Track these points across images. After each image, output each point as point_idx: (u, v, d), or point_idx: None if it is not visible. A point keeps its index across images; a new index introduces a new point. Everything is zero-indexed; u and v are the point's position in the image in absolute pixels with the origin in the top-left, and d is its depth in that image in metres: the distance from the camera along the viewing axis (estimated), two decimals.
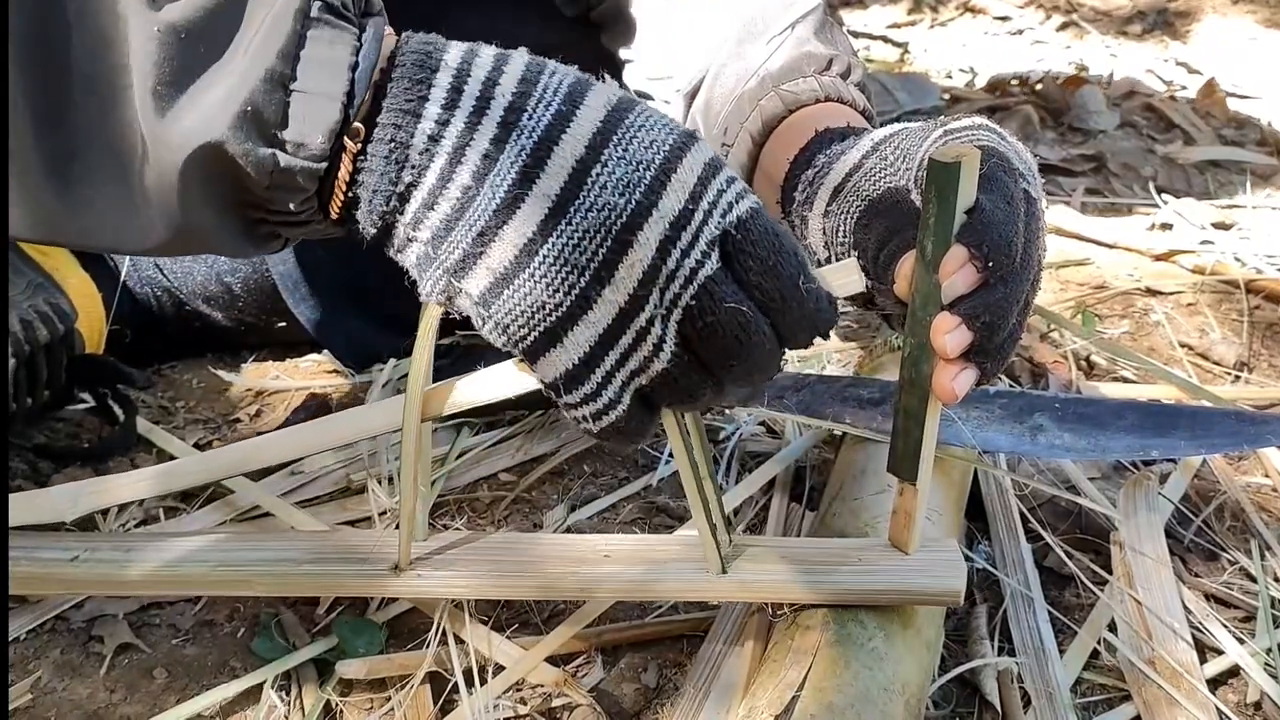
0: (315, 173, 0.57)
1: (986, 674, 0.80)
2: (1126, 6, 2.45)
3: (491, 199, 0.56)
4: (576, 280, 0.56)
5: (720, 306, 0.56)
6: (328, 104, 0.55)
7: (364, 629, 0.83)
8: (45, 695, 0.81)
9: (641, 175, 0.56)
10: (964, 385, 0.64)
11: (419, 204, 0.57)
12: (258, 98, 0.55)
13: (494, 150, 0.56)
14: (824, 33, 0.96)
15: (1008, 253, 0.62)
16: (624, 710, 0.78)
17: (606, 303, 0.56)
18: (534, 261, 0.56)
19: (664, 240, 0.56)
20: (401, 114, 0.56)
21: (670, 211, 0.56)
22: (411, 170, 0.57)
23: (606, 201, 0.55)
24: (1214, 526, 0.95)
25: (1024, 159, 0.71)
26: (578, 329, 0.57)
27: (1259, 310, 1.31)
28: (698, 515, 0.71)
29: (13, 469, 1.00)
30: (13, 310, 0.97)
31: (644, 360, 0.58)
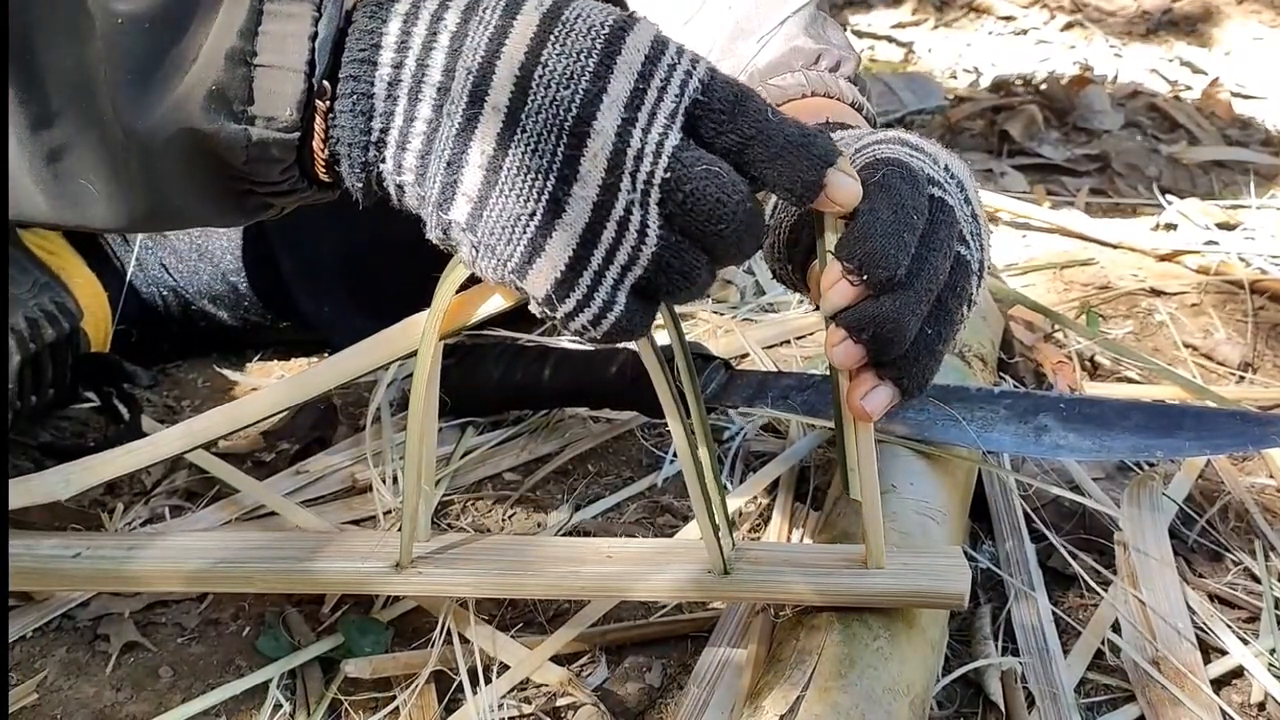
0: (289, 143, 0.58)
1: (991, 674, 0.80)
2: (1131, 7, 2.45)
3: (451, 126, 0.56)
4: (544, 184, 0.55)
5: (694, 170, 0.55)
6: (292, 76, 0.56)
7: (370, 628, 0.83)
8: (51, 694, 0.81)
9: (584, 64, 0.55)
10: (876, 403, 0.63)
11: (394, 147, 0.58)
12: (222, 77, 0.56)
13: (445, 80, 0.56)
14: (814, 27, 0.96)
15: (883, 263, 0.60)
16: (628, 710, 0.78)
17: (578, 200, 0.55)
18: (500, 176, 0.56)
19: (622, 123, 0.55)
20: (359, 64, 0.57)
21: (621, 93, 0.55)
22: (380, 117, 0.57)
23: (554, 98, 0.55)
24: (1218, 527, 0.95)
25: (940, 166, 0.69)
26: (556, 234, 0.56)
27: (1263, 310, 1.30)
28: (701, 517, 0.71)
29: (19, 467, 1.00)
30: (18, 309, 0.97)
31: (632, 251, 0.56)
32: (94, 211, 0.61)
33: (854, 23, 2.43)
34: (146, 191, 0.60)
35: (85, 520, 0.95)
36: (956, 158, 0.73)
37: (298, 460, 1.03)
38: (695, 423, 0.70)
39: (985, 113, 1.91)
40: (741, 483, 0.98)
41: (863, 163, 0.66)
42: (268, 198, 0.61)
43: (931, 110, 1.94)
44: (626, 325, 0.58)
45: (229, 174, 0.59)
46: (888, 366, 0.63)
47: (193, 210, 0.62)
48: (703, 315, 1.30)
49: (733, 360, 0.98)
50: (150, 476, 1.01)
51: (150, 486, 1.01)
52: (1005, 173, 1.72)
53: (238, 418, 0.80)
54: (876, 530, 0.70)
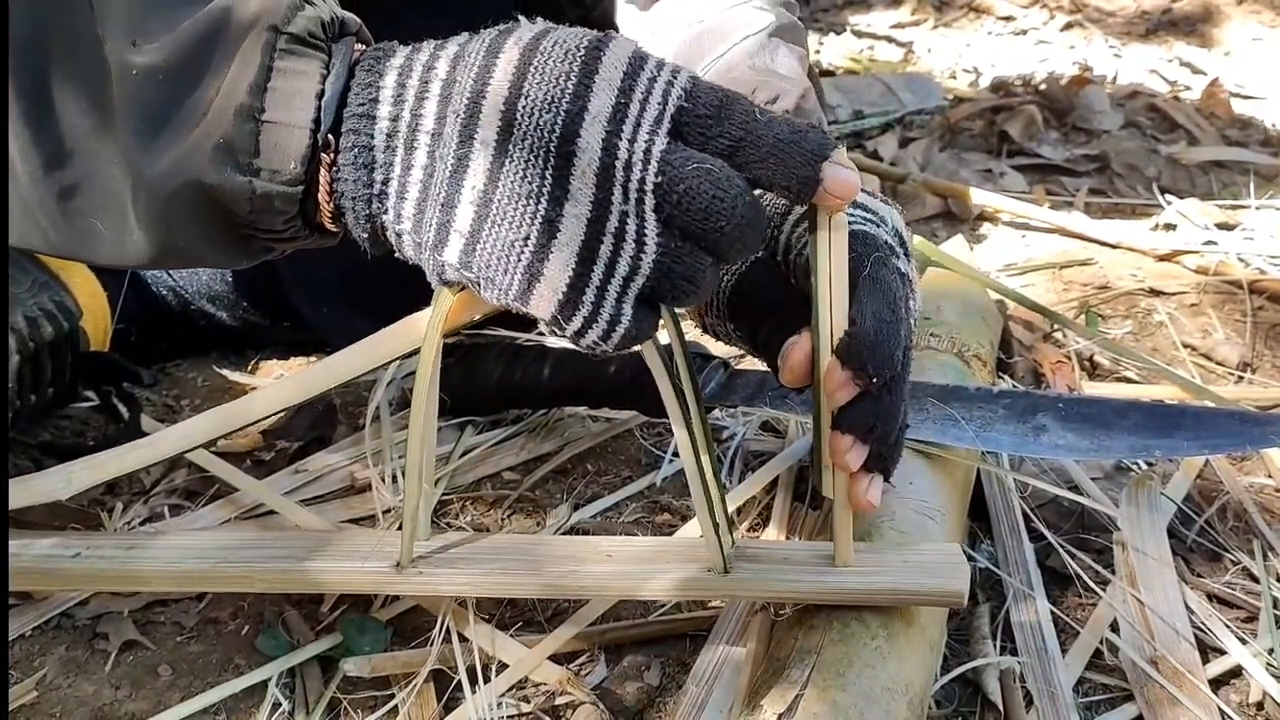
0: (293, 195, 0.59)
1: (989, 673, 0.80)
2: (1131, 7, 2.45)
3: (445, 168, 0.57)
4: (535, 208, 0.56)
5: (685, 170, 0.55)
6: (297, 132, 0.58)
7: (370, 627, 0.83)
8: (50, 692, 0.81)
9: (564, 87, 0.56)
10: (878, 494, 0.67)
11: (394, 198, 0.59)
12: (230, 132, 0.58)
13: (438, 126, 0.58)
14: (760, 56, 0.93)
15: (890, 364, 0.63)
16: (627, 709, 0.78)
17: (571, 218, 0.56)
18: (491, 209, 0.57)
19: (607, 136, 0.55)
20: (359, 119, 0.58)
21: (603, 108, 0.55)
22: (381, 169, 0.59)
23: (537, 123, 0.56)
24: (1216, 527, 0.96)
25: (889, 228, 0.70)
26: (553, 255, 0.57)
27: (1262, 311, 1.31)
28: (702, 515, 0.71)
29: (19, 466, 1.00)
30: (18, 307, 0.97)
31: (632, 260, 0.57)
32: (101, 249, 0.63)
33: (853, 23, 2.43)
34: (153, 234, 0.61)
35: (85, 519, 0.95)
36: (892, 209, 0.73)
37: (297, 459, 1.03)
38: (695, 422, 0.70)
39: (985, 113, 1.91)
40: (741, 482, 0.98)
41: None
42: (270, 243, 0.63)
43: (931, 110, 1.94)
44: (635, 334, 0.59)
45: (233, 221, 0.61)
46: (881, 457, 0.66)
47: (197, 253, 0.63)
48: None
49: (732, 360, 0.98)
50: (149, 475, 1.01)
51: (150, 485, 1.01)
52: (1005, 173, 1.72)
53: (237, 418, 0.80)
54: (845, 528, 0.71)
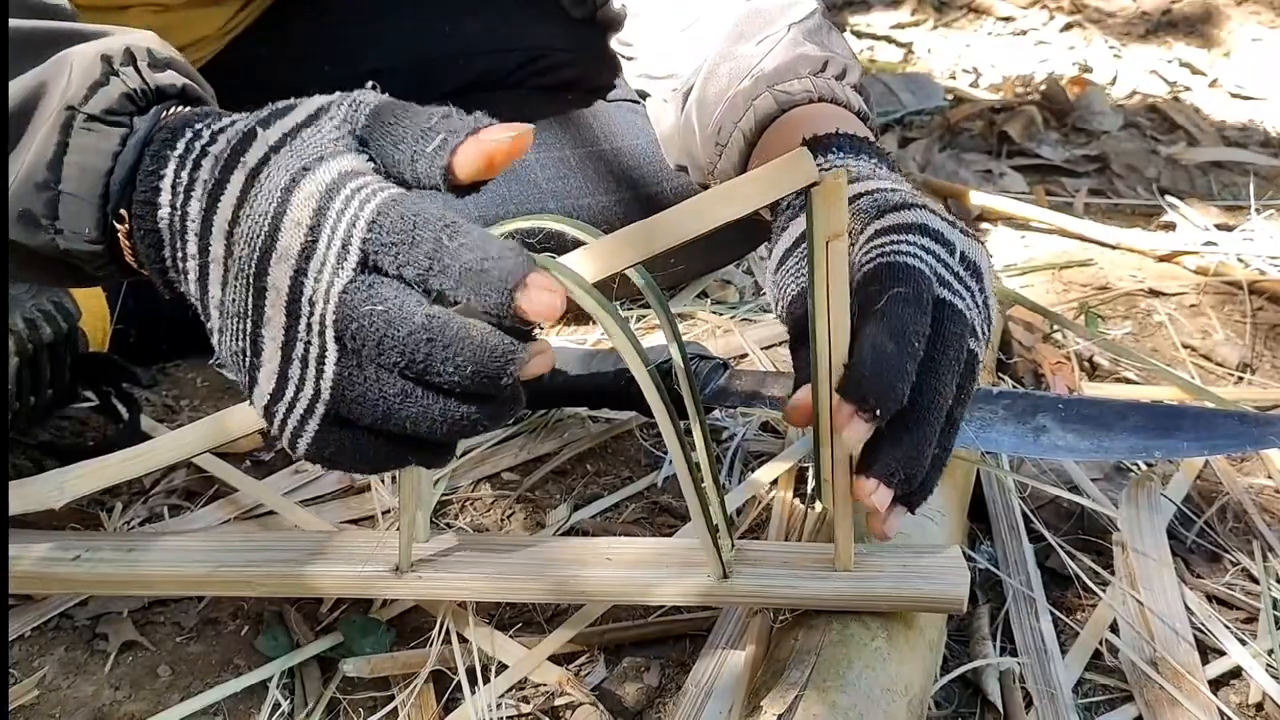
0: (96, 252, 0.65)
1: (989, 674, 0.80)
2: (1131, 7, 2.45)
3: (196, 268, 0.62)
4: (245, 328, 0.60)
5: (359, 310, 0.57)
6: (89, 206, 0.64)
7: (371, 629, 0.83)
8: (50, 693, 0.81)
9: (261, 226, 0.59)
10: (896, 527, 0.67)
11: (180, 274, 0.63)
12: (30, 201, 0.64)
13: (197, 226, 0.61)
14: (819, 35, 0.96)
15: (892, 397, 0.63)
16: (626, 709, 0.79)
17: (269, 340, 0.59)
18: (222, 318, 0.61)
19: (295, 274, 0.58)
20: (143, 205, 0.63)
21: (289, 249, 0.58)
22: (168, 248, 0.63)
23: (242, 256, 0.59)
24: (1216, 528, 0.96)
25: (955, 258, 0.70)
26: (261, 369, 0.60)
27: (1262, 311, 1.31)
28: (698, 521, 0.71)
29: (19, 467, 1.00)
30: (17, 309, 0.97)
31: (315, 385, 0.59)
32: None
33: (853, 23, 2.43)
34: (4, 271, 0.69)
35: (84, 519, 0.95)
36: (974, 242, 0.73)
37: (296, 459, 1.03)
38: (694, 425, 0.70)
39: (984, 113, 1.91)
40: (740, 482, 0.98)
41: (870, 266, 0.67)
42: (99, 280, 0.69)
43: (931, 111, 1.94)
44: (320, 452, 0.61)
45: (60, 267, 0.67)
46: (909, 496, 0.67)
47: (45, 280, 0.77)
48: (701, 315, 1.30)
49: (731, 360, 0.99)
50: (149, 476, 1.01)
51: (149, 486, 1.01)
52: (1004, 173, 1.72)
53: (231, 429, 0.80)
54: (846, 533, 0.71)
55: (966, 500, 0.92)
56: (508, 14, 1.31)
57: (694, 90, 0.99)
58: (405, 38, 1.27)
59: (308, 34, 1.27)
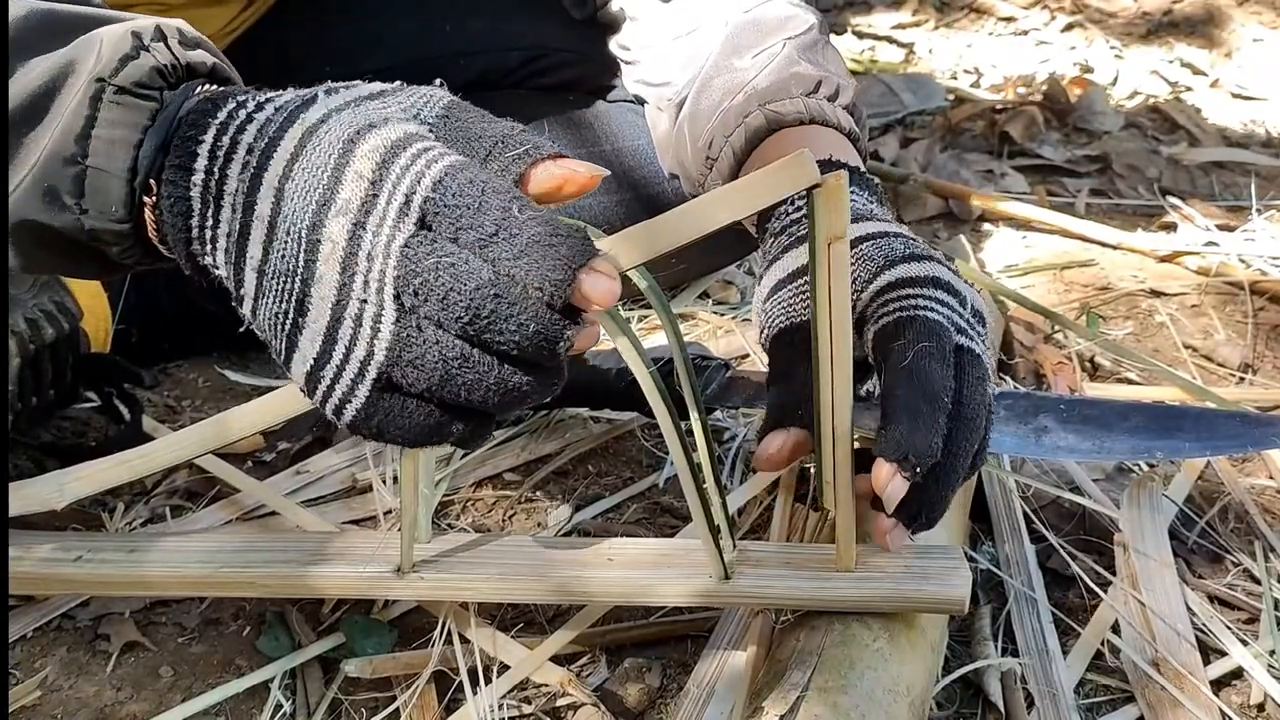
0: (121, 232, 0.63)
1: (990, 675, 0.80)
2: (1132, 8, 2.45)
3: (235, 232, 0.60)
4: (292, 287, 0.58)
5: (423, 265, 0.55)
6: (116, 180, 0.62)
7: (373, 630, 0.83)
8: (52, 693, 0.81)
9: (319, 179, 0.57)
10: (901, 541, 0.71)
11: (209, 245, 0.62)
12: (57, 177, 0.62)
13: (235, 188, 0.60)
14: (814, 52, 0.95)
15: (929, 453, 0.66)
16: (628, 710, 0.79)
17: (319, 301, 0.58)
18: (264, 279, 0.59)
19: (353, 227, 0.56)
20: (176, 171, 0.61)
21: (349, 201, 0.57)
22: (196, 217, 0.62)
23: (295, 209, 0.58)
24: (1218, 528, 0.96)
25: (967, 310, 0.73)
26: (305, 332, 0.59)
27: (1264, 312, 1.31)
28: (699, 522, 0.71)
29: (20, 467, 1.00)
30: (18, 309, 0.97)
31: (368, 346, 0.57)
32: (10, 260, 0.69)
33: (855, 24, 2.43)
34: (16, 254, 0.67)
35: (86, 520, 0.95)
36: (973, 290, 0.75)
37: (298, 460, 1.03)
38: (695, 425, 0.70)
39: (986, 113, 1.91)
40: (742, 483, 0.98)
41: (891, 320, 0.70)
42: (120, 264, 0.67)
43: (932, 111, 1.94)
44: (368, 418, 0.59)
45: (77, 250, 0.65)
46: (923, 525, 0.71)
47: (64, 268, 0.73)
48: (703, 316, 1.30)
49: (733, 360, 0.99)
50: (150, 476, 1.01)
51: (151, 486, 1.01)
52: (1006, 174, 1.72)
53: (232, 431, 0.80)
54: (848, 533, 0.71)
55: (968, 500, 0.92)
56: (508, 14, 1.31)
57: (687, 102, 0.99)
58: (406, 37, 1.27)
59: (309, 34, 1.27)
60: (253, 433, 0.82)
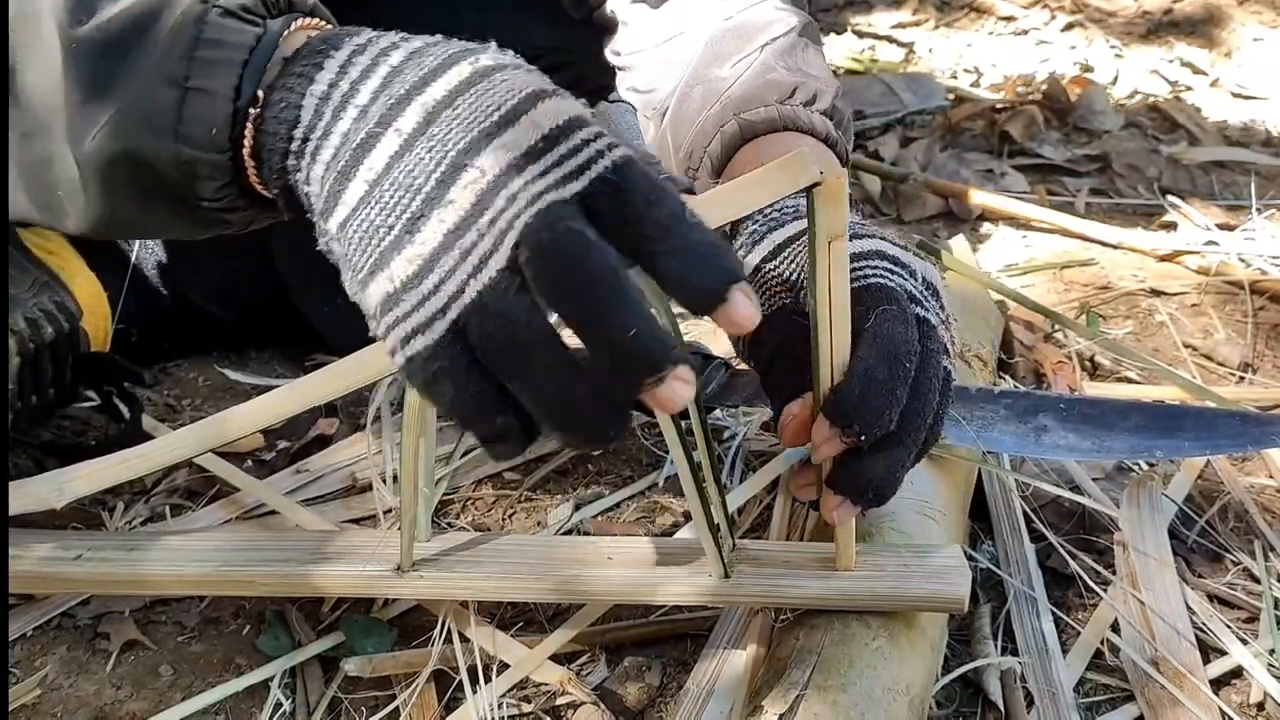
0: (219, 163, 0.61)
1: (990, 674, 0.80)
2: (1132, 7, 2.45)
3: (354, 141, 0.57)
4: (410, 202, 0.55)
5: (559, 225, 0.52)
6: (219, 100, 0.60)
7: (373, 629, 0.83)
8: (52, 692, 0.81)
9: (489, 115, 0.55)
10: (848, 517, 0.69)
11: (308, 157, 0.59)
12: (157, 100, 0.60)
13: (369, 102, 0.58)
14: (792, 57, 0.94)
15: (878, 423, 0.64)
16: (628, 709, 0.79)
17: (435, 222, 0.54)
18: (376, 190, 0.56)
19: (506, 167, 0.53)
20: (296, 78, 0.59)
21: (516, 143, 0.54)
22: (302, 127, 0.59)
23: (448, 134, 0.55)
24: (1217, 527, 0.96)
25: (918, 280, 0.71)
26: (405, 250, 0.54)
27: (1264, 311, 1.31)
28: (699, 521, 0.71)
29: (20, 466, 1.00)
30: (18, 308, 0.97)
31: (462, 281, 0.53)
32: (66, 220, 0.66)
33: (854, 23, 2.43)
34: (99, 204, 0.64)
35: (85, 519, 0.96)
36: (925, 263, 0.74)
37: (298, 459, 1.03)
38: (694, 424, 0.70)
39: (986, 113, 1.91)
40: (742, 482, 0.98)
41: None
42: (215, 213, 0.64)
43: (932, 110, 1.94)
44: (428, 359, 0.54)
45: (170, 191, 0.62)
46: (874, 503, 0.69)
47: (146, 222, 0.66)
48: None
49: (733, 359, 0.99)
50: (150, 475, 1.01)
51: (150, 485, 1.01)
52: (1006, 173, 1.72)
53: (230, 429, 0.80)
54: (848, 533, 0.71)
55: (968, 500, 0.92)
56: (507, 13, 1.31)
57: (669, 111, 0.99)
58: None
59: None
60: (252, 431, 0.82)
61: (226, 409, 0.80)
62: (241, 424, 0.78)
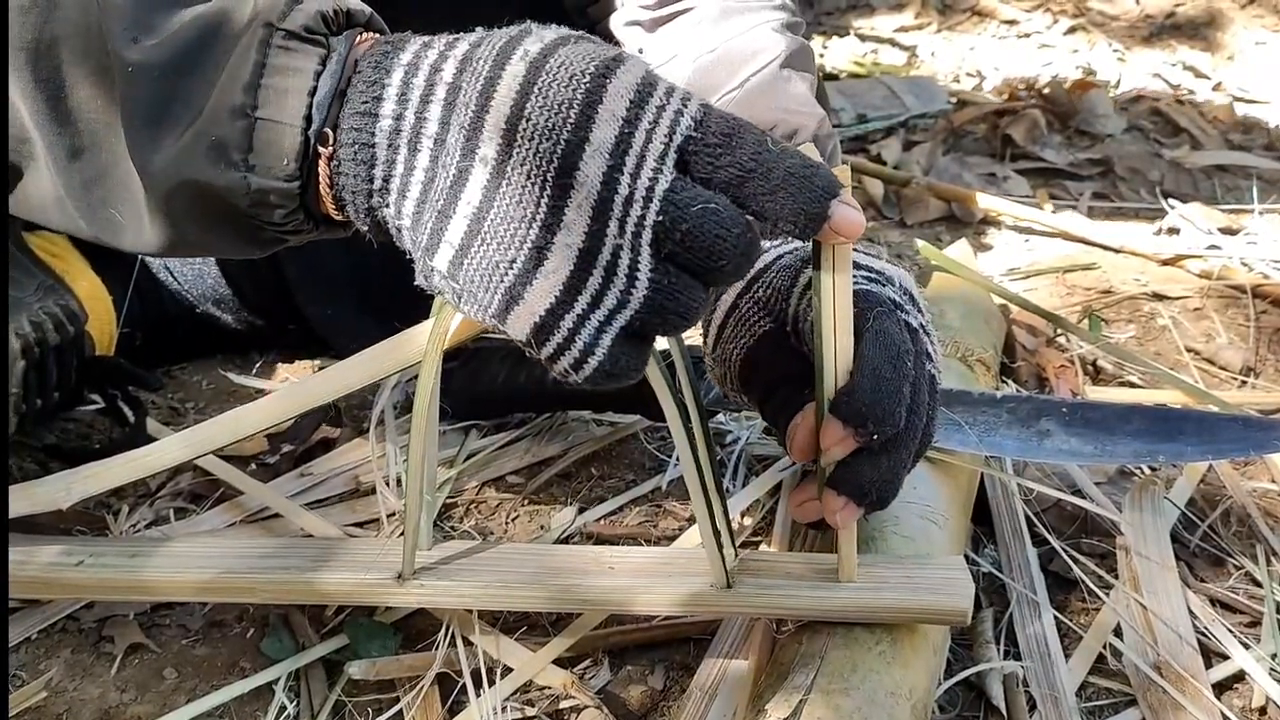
0: (289, 191, 0.60)
1: (992, 678, 0.80)
2: (1134, 11, 2.45)
3: (445, 177, 0.57)
4: (526, 233, 0.55)
5: (689, 211, 0.54)
6: (289, 130, 0.59)
7: (377, 633, 0.84)
8: (57, 695, 0.81)
9: (566, 116, 0.55)
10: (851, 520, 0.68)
11: (395, 194, 0.59)
12: (224, 129, 0.59)
13: (441, 131, 0.57)
14: (774, 91, 0.92)
15: (889, 421, 0.64)
16: (630, 712, 0.79)
17: (561, 247, 0.55)
18: (484, 226, 0.56)
19: (609, 170, 0.54)
20: (361, 117, 0.58)
21: (605, 141, 0.54)
22: (382, 165, 0.59)
23: (537, 149, 0.55)
24: (1220, 531, 0.96)
25: (897, 287, 0.72)
26: (536, 282, 0.56)
27: (1265, 315, 1.31)
28: (704, 531, 0.71)
29: (25, 469, 1.01)
30: (23, 312, 0.97)
31: (621, 295, 0.56)
32: (124, 238, 0.65)
33: (857, 26, 2.43)
34: (163, 225, 0.63)
35: (90, 522, 0.96)
36: (900, 270, 0.74)
37: (302, 462, 1.03)
38: (696, 430, 0.70)
39: (988, 116, 1.91)
40: (744, 486, 0.98)
41: None
42: (278, 234, 0.63)
43: (935, 114, 1.94)
44: (611, 369, 0.57)
45: (236, 215, 0.61)
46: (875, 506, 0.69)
47: (209, 243, 0.65)
48: None
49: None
50: (155, 478, 1.01)
51: (155, 489, 1.01)
52: (1008, 177, 1.72)
53: (237, 429, 0.80)
54: (850, 544, 0.71)
55: (970, 504, 0.92)
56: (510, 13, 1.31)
57: None
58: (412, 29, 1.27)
59: None
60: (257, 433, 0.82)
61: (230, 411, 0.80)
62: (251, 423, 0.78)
